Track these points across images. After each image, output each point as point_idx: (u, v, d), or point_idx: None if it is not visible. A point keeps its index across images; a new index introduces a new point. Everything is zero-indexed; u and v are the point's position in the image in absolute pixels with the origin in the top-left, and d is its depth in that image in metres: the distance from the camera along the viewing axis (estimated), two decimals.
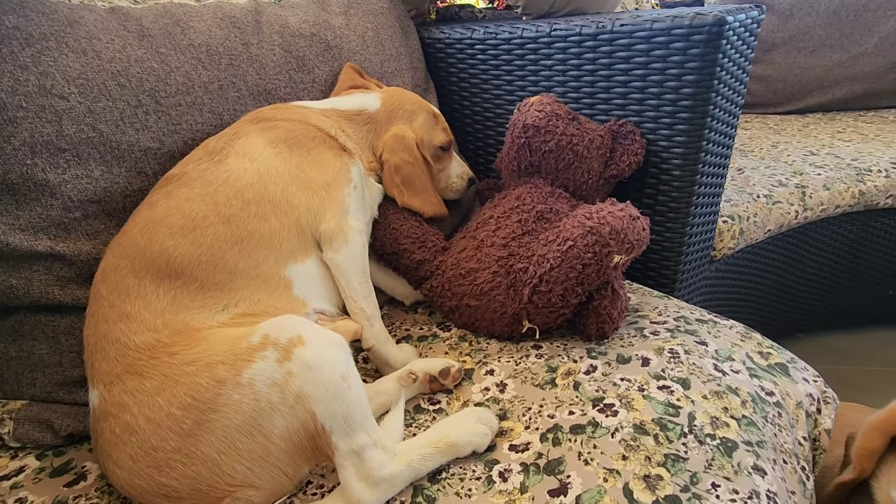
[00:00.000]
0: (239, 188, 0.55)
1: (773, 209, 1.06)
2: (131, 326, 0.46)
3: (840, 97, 1.64)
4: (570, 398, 0.54)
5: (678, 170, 0.76)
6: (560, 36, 0.81)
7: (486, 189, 0.92)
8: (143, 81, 0.60)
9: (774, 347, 0.62)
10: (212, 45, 0.68)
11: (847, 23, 1.56)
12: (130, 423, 0.42)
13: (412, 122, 0.74)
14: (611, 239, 0.56)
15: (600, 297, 0.60)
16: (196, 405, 0.42)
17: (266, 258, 0.54)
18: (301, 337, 0.45)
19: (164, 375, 0.43)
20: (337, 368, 0.44)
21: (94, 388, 0.46)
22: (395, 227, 0.72)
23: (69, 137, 0.54)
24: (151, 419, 0.42)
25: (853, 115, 1.61)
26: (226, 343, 0.45)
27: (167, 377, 0.43)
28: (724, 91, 0.72)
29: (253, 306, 0.52)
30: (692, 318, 0.66)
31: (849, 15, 1.55)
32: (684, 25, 0.68)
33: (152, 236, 0.50)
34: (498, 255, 0.65)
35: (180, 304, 0.48)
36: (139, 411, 0.42)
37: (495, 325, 0.65)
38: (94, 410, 0.46)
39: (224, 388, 0.42)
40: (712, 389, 0.52)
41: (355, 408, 0.44)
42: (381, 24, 0.89)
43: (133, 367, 0.44)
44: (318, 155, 0.62)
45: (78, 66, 0.56)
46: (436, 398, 0.59)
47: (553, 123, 0.71)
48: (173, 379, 0.43)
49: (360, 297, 0.60)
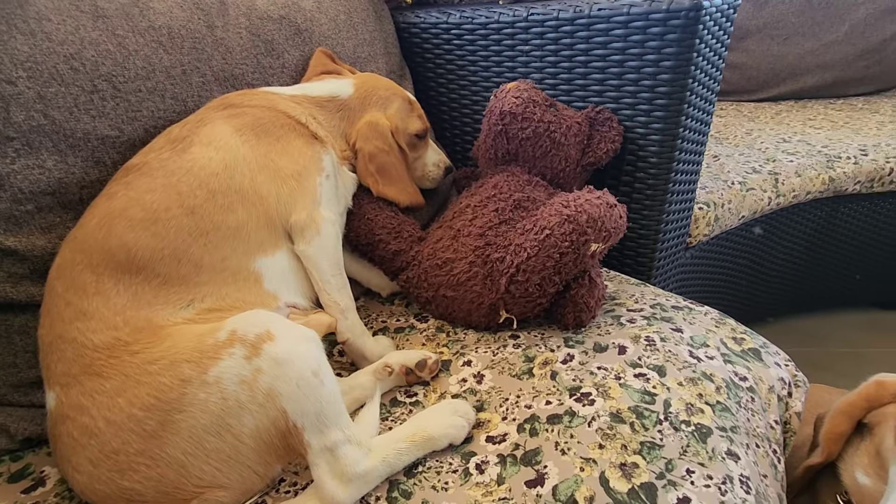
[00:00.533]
0: (203, 178, 0.52)
1: (747, 196, 1.07)
2: (89, 325, 0.44)
3: (811, 85, 1.67)
4: (548, 388, 0.53)
5: (655, 157, 0.76)
6: (537, 21, 0.79)
7: (463, 178, 0.91)
8: (99, 65, 0.57)
9: (748, 333, 0.63)
10: (173, 28, 0.64)
11: (819, 11, 1.58)
12: (89, 426, 0.40)
13: (386, 108, 0.72)
14: (588, 227, 0.55)
15: (577, 286, 0.59)
16: (160, 405, 0.40)
17: (234, 251, 0.52)
18: (270, 332, 0.43)
19: (125, 375, 0.41)
20: (308, 364, 0.43)
21: (50, 390, 0.44)
22: (369, 217, 0.70)
23: (17, 125, 0.51)
24: (112, 421, 0.40)
25: (823, 103, 1.64)
26: (191, 340, 0.43)
27: (128, 377, 0.41)
28: (700, 77, 0.72)
29: (220, 301, 0.50)
30: (668, 304, 0.66)
31: (821, 3, 1.57)
32: (661, 10, 0.67)
33: (111, 229, 0.47)
34: (475, 244, 0.64)
35: (142, 300, 0.46)
36: (98, 413, 0.41)
37: (472, 316, 0.64)
38: (50, 413, 0.43)
39: (189, 388, 0.41)
40: (687, 376, 0.53)
41: (328, 404, 0.43)
42: (354, 6, 0.86)
43: (91, 367, 0.42)
44: (288, 143, 0.59)
45: (26, 48, 0.53)
46: (412, 390, 0.58)
47: (530, 110, 0.70)
48: (135, 379, 0.41)
49: (333, 290, 0.59)
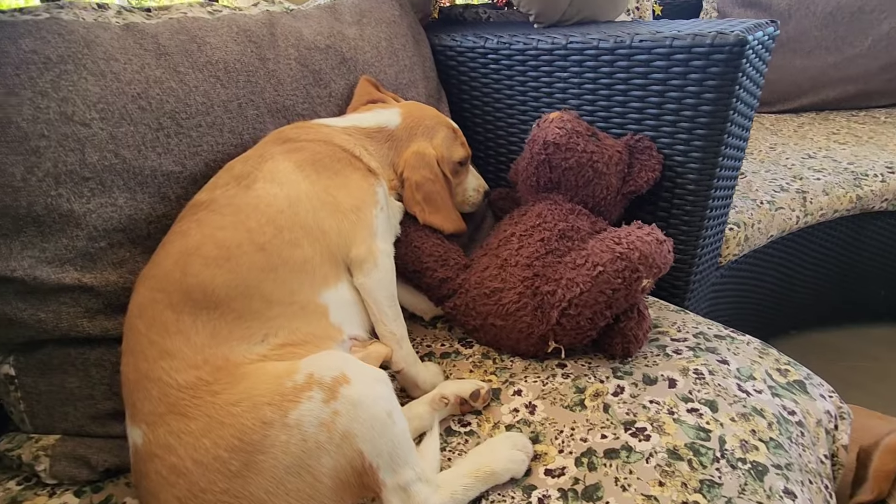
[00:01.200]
0: (271, 214, 0.54)
1: (776, 215, 1.08)
2: (172, 364, 0.45)
3: (833, 97, 1.67)
4: (601, 421, 0.55)
5: (693, 184, 0.77)
6: (576, 49, 0.80)
7: (499, 199, 0.92)
8: (164, 103, 0.59)
9: (791, 364, 0.64)
10: (229, 62, 0.66)
11: (842, 25, 1.58)
12: (177, 466, 0.42)
13: (432, 138, 0.74)
14: (640, 264, 0.56)
15: (627, 318, 0.61)
16: (243, 447, 0.42)
17: (301, 285, 0.54)
18: (345, 375, 0.45)
19: (209, 416, 0.43)
20: (382, 405, 0.45)
21: (136, 427, 0.45)
22: (416, 245, 0.72)
23: (92, 165, 0.53)
24: (199, 461, 0.42)
25: (846, 115, 1.64)
26: (269, 382, 0.45)
27: (212, 418, 0.43)
28: (740, 108, 0.73)
29: (292, 335, 0.52)
30: (710, 333, 0.68)
31: (844, 17, 1.57)
32: (706, 45, 0.68)
33: (187, 268, 0.49)
34: (523, 275, 0.65)
35: (219, 336, 0.48)
36: (186, 453, 0.42)
37: (520, 345, 0.65)
38: (136, 450, 0.45)
39: (271, 430, 0.42)
40: (739, 411, 0.54)
41: (400, 444, 0.45)
42: (394, 33, 0.88)
43: (176, 406, 0.44)
44: (346, 177, 0.61)
45: (97, 89, 0.54)
46: (466, 419, 0.59)
47: (574, 141, 0.71)
48: (219, 420, 0.43)
49: (389, 321, 0.61)
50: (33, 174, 0.50)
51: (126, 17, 0.63)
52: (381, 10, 0.88)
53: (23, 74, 0.50)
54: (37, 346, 0.53)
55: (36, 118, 0.50)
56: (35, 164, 0.50)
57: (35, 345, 0.53)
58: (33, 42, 0.52)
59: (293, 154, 0.60)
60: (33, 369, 0.53)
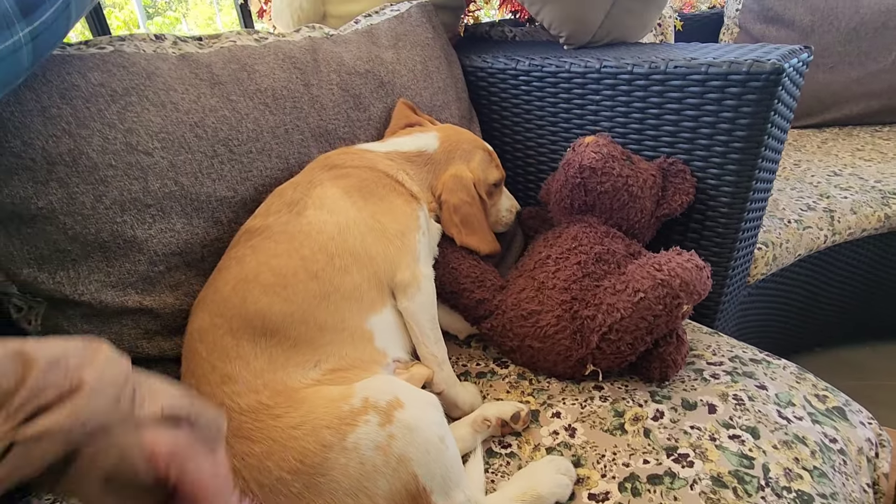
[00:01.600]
0: (322, 242, 0.56)
1: (804, 234, 1.08)
2: (234, 388, 0.47)
3: (857, 112, 1.66)
4: (643, 446, 0.56)
5: (726, 207, 0.78)
6: (610, 73, 0.82)
7: (529, 217, 0.93)
8: (218, 131, 0.61)
9: (829, 389, 0.64)
10: (276, 89, 0.68)
11: (866, 40, 1.58)
12: (242, 489, 0.44)
13: (469, 161, 0.75)
14: (681, 291, 0.57)
15: (666, 343, 0.61)
16: (305, 469, 0.44)
17: (350, 311, 0.55)
18: (399, 399, 0.46)
19: (272, 440, 0.45)
20: (435, 430, 0.46)
21: None
22: (454, 266, 0.73)
23: (154, 193, 0.55)
24: (263, 484, 0.44)
25: (869, 131, 1.63)
26: (327, 406, 0.46)
27: (275, 441, 0.45)
28: (775, 132, 0.74)
29: (341, 361, 0.53)
30: (746, 357, 0.68)
31: (868, 32, 1.57)
32: (741, 72, 0.69)
33: (246, 295, 0.51)
34: (560, 298, 0.67)
35: (276, 362, 0.50)
36: (250, 476, 0.44)
37: (558, 367, 0.67)
38: None
39: (331, 453, 0.44)
40: (781, 439, 0.55)
41: (452, 467, 0.46)
42: (429, 55, 0.90)
43: (240, 430, 0.46)
44: (391, 203, 0.63)
45: (159, 119, 0.57)
46: (506, 441, 0.61)
47: (609, 165, 0.72)
48: (281, 443, 0.45)
49: (431, 343, 0.62)
50: (101, 202, 0.52)
51: (181, 48, 0.65)
52: (415, 33, 0.91)
53: (92, 107, 0.53)
54: None
55: (104, 149, 0.53)
56: (103, 193, 0.52)
57: None
58: (101, 75, 0.55)
59: (340, 180, 0.62)
60: None
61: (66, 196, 0.51)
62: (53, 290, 0.52)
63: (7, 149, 0.48)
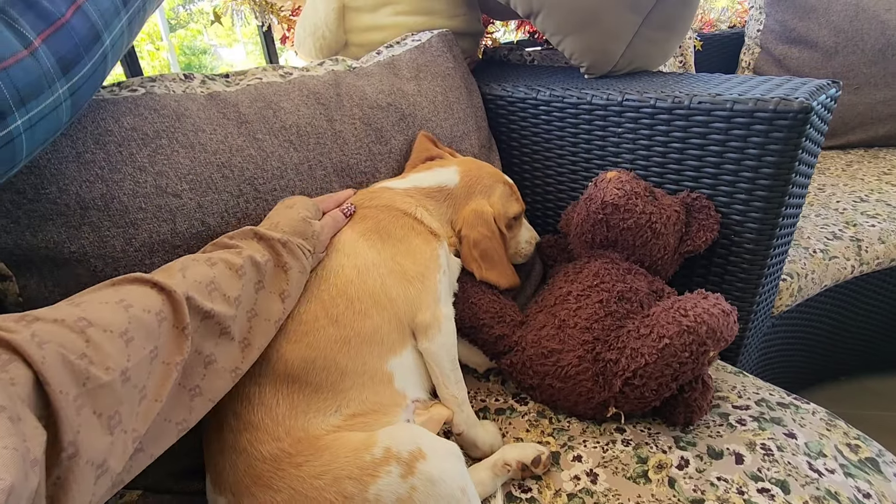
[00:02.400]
0: (341, 286, 0.56)
1: (830, 265, 1.05)
2: (256, 436, 0.48)
3: (883, 134, 1.63)
4: (668, 497, 0.55)
5: (752, 243, 0.76)
6: (632, 106, 0.81)
7: (548, 246, 0.93)
8: (244, 170, 0.62)
9: (861, 438, 0.62)
10: (301, 126, 0.69)
11: (892, 61, 1.55)
12: None
13: (490, 196, 0.75)
14: (707, 338, 0.56)
15: (691, 389, 0.60)
16: None
17: (370, 354, 0.55)
18: (422, 450, 0.46)
19: (293, 489, 0.45)
20: (457, 482, 0.46)
21: (220, 495, 0.47)
22: (473, 301, 0.73)
23: (182, 234, 0.56)
24: None
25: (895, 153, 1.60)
26: (348, 455, 0.46)
27: (296, 491, 0.45)
28: (802, 169, 0.73)
29: (361, 405, 0.53)
30: (773, 401, 0.66)
31: (895, 53, 1.54)
32: (768, 110, 0.68)
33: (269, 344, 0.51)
34: (582, 338, 0.66)
35: (298, 408, 0.50)
36: None
37: (578, 407, 0.66)
38: None
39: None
40: (813, 494, 0.53)
41: None
42: (449, 86, 0.90)
43: (261, 478, 0.46)
44: (410, 243, 0.63)
45: (188, 161, 0.58)
46: (526, 485, 0.60)
47: (632, 202, 0.72)
48: (303, 494, 0.45)
49: (451, 384, 0.62)
50: (131, 245, 0.53)
51: (209, 87, 0.67)
52: (436, 63, 0.91)
53: (125, 151, 0.54)
54: None
55: (135, 192, 0.54)
56: (133, 236, 0.53)
57: None
58: (133, 119, 0.56)
59: (357, 224, 0.62)
60: None
61: (97, 240, 0.52)
62: None
63: (43, 195, 0.49)
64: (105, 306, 0.37)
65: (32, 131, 0.40)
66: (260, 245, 0.50)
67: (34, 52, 0.39)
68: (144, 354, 0.36)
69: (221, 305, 0.44)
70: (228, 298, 0.45)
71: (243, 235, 0.51)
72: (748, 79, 0.82)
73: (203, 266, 0.45)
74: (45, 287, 0.51)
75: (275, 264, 0.51)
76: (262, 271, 0.49)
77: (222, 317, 0.43)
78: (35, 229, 0.49)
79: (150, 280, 0.41)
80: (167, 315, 0.39)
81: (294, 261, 0.52)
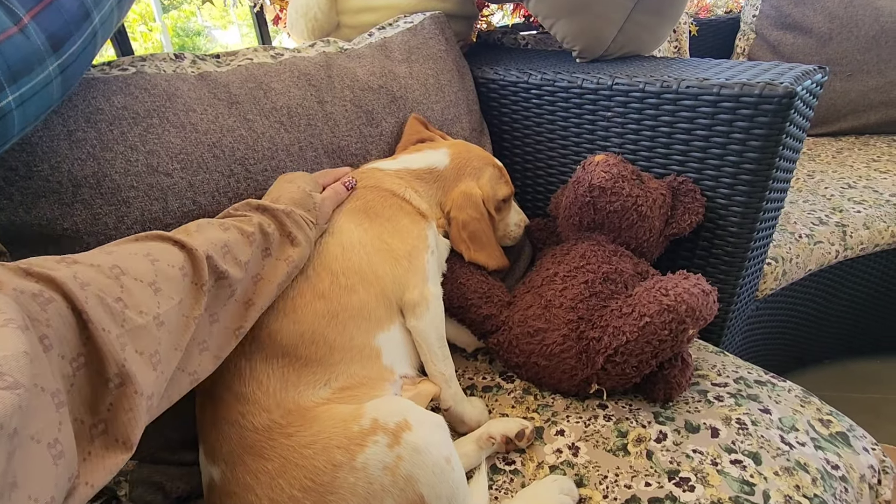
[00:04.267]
0: (326, 261, 0.58)
1: (815, 249, 1.07)
2: (248, 408, 0.49)
3: (874, 121, 1.64)
4: (645, 468, 0.57)
5: (736, 226, 0.78)
6: (621, 90, 0.82)
7: (537, 229, 0.94)
8: (235, 151, 0.63)
9: (834, 414, 0.65)
10: (292, 107, 0.70)
11: (885, 49, 1.55)
12: None
13: (479, 178, 0.76)
14: (687, 317, 0.58)
15: (671, 366, 0.62)
16: (315, 488, 0.45)
17: (358, 329, 0.57)
18: (408, 421, 0.48)
19: (284, 458, 0.47)
20: (442, 452, 0.48)
21: (214, 466, 0.49)
22: (461, 281, 0.74)
23: (173, 213, 0.57)
24: (274, 500, 0.45)
25: (886, 140, 1.61)
26: (337, 426, 0.48)
27: (287, 460, 0.47)
28: (786, 153, 0.74)
29: (350, 379, 0.55)
30: (751, 379, 0.69)
31: (888, 41, 1.54)
32: (754, 94, 0.69)
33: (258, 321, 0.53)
34: (567, 317, 0.68)
35: (288, 382, 0.51)
36: (263, 493, 0.46)
37: (563, 384, 0.68)
38: (213, 485, 0.49)
39: (340, 472, 0.46)
40: (783, 465, 0.55)
41: (457, 488, 0.48)
42: (441, 68, 0.91)
43: (253, 448, 0.48)
44: (397, 223, 0.64)
45: (179, 140, 0.59)
46: (510, 458, 0.62)
47: (619, 185, 0.73)
48: (293, 462, 0.46)
49: (439, 361, 0.63)
50: (123, 222, 0.54)
51: (200, 66, 0.67)
52: (428, 45, 0.91)
53: (116, 130, 0.55)
54: None
55: (127, 171, 0.54)
56: (125, 214, 0.54)
57: None
58: (124, 98, 0.56)
59: (346, 203, 0.63)
60: None
61: (90, 217, 0.53)
62: None
63: (36, 173, 0.50)
64: (134, 257, 0.39)
65: (24, 108, 0.41)
66: (265, 216, 0.52)
67: (23, 28, 0.40)
68: (173, 304, 0.39)
69: (234, 268, 0.46)
70: (240, 262, 0.47)
71: (248, 207, 0.53)
72: (737, 64, 0.83)
73: (217, 230, 0.47)
74: None
75: (280, 234, 0.53)
76: (270, 240, 0.51)
77: (233, 279, 0.45)
78: (28, 206, 0.50)
79: (172, 238, 0.43)
80: (188, 271, 0.42)
81: (298, 231, 0.54)
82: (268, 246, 0.51)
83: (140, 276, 0.38)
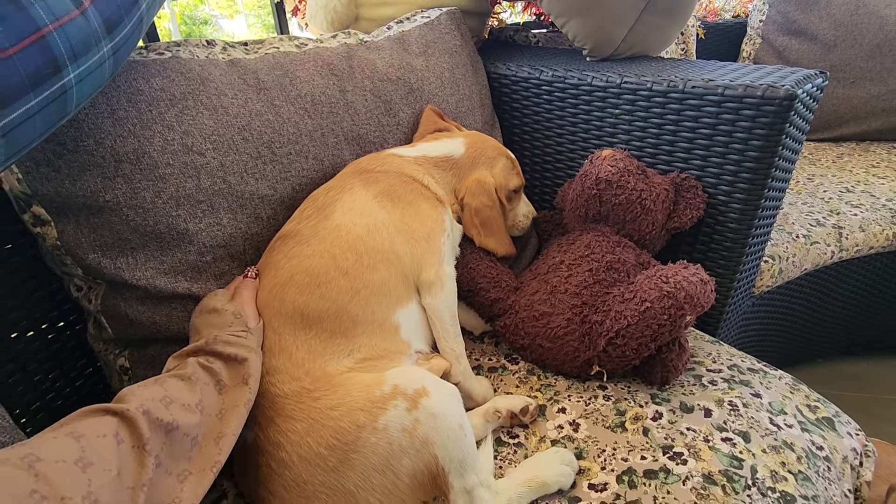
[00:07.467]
0: (350, 241, 0.61)
1: (811, 249, 1.11)
2: (278, 378, 0.53)
3: (875, 128, 1.67)
4: (641, 443, 0.61)
5: (735, 223, 0.81)
6: (629, 89, 0.85)
7: (543, 221, 0.98)
8: (263, 134, 0.66)
9: (821, 401, 0.68)
10: (315, 95, 0.73)
11: (889, 57, 1.58)
12: (284, 460, 0.50)
13: (492, 167, 0.80)
14: (685, 303, 0.62)
15: (668, 350, 0.66)
16: (340, 446, 0.49)
17: (379, 305, 0.61)
18: (426, 388, 0.51)
19: (312, 419, 0.50)
20: (456, 418, 0.51)
21: (247, 430, 0.53)
22: (471, 266, 0.78)
23: (205, 190, 0.61)
24: (303, 457, 0.49)
25: (886, 147, 1.64)
26: (361, 391, 0.52)
27: (315, 420, 0.50)
28: (786, 154, 0.77)
29: (371, 350, 0.58)
30: (744, 366, 0.72)
31: (892, 49, 1.57)
32: (756, 96, 0.72)
33: (284, 297, 0.56)
34: (571, 302, 0.71)
35: (315, 352, 0.55)
36: (292, 450, 0.50)
37: (565, 366, 0.71)
38: (245, 445, 0.53)
39: (363, 432, 0.49)
40: (770, 444, 0.59)
41: (468, 452, 0.51)
42: (456, 62, 0.94)
43: (283, 410, 0.51)
44: (418, 206, 0.68)
45: (211, 122, 0.62)
46: (514, 432, 0.66)
47: (625, 179, 0.76)
48: (320, 423, 0.50)
49: (451, 338, 0.67)
50: (160, 197, 0.58)
51: (230, 53, 0.70)
52: (444, 40, 0.95)
53: (154, 110, 0.58)
54: (149, 343, 0.61)
55: (164, 149, 0.58)
56: (161, 189, 0.58)
57: (147, 342, 0.61)
58: (161, 81, 0.60)
59: (370, 186, 0.67)
60: (144, 363, 0.61)
61: (129, 191, 0.56)
62: (114, 274, 0.57)
63: (82, 147, 0.53)
64: (54, 441, 0.36)
65: (81, 85, 0.44)
66: (198, 357, 0.50)
67: (84, 11, 0.43)
68: (110, 477, 0.36)
69: (184, 415, 0.43)
70: (189, 406, 0.44)
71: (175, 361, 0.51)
72: (742, 66, 0.86)
73: (151, 386, 0.44)
74: (81, 233, 0.56)
75: (224, 361, 0.50)
76: (216, 372, 0.49)
77: (188, 427, 0.43)
78: (74, 178, 0.54)
79: (100, 408, 0.40)
80: (124, 437, 0.38)
81: (237, 348, 0.51)
82: (218, 379, 0.49)
83: (62, 456, 0.34)
